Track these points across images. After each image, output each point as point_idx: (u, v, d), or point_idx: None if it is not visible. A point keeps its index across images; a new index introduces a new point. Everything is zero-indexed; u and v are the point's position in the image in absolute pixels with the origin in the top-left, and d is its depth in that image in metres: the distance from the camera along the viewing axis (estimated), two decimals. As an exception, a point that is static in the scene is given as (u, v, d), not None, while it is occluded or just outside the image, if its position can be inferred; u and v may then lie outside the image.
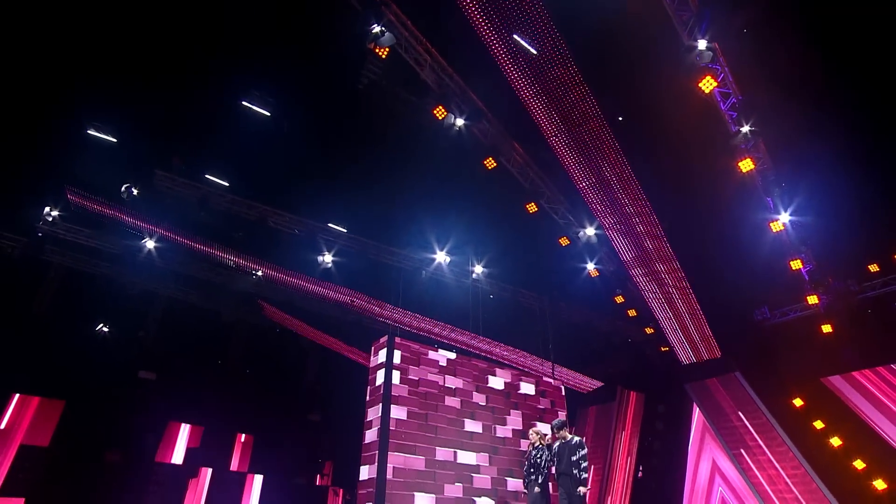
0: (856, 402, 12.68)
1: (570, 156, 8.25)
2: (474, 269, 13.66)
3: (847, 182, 9.33)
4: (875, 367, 12.49)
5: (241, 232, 11.72)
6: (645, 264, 10.14)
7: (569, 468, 7.06)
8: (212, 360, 14.44)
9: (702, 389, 13.42)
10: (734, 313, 13.60)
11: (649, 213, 9.10)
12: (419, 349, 9.69)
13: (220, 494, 12.93)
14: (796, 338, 13.29)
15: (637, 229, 9.31)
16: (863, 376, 12.70)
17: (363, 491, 8.28)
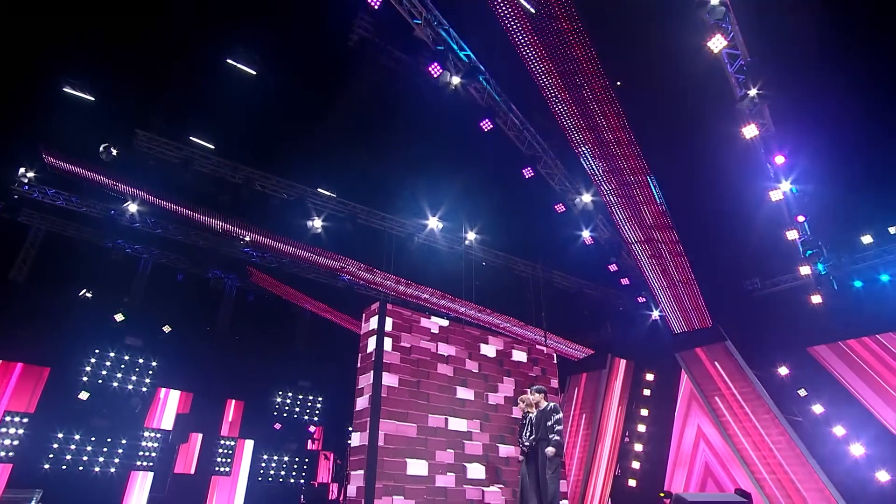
0: (838, 370, 12.90)
1: (569, 118, 7.92)
2: (467, 235, 13.43)
3: (849, 151, 9.13)
4: (860, 337, 12.67)
5: (226, 195, 11.34)
6: (641, 232, 9.96)
7: (545, 434, 7.02)
8: (200, 326, 14.24)
9: (692, 358, 13.52)
10: (726, 283, 13.63)
11: (649, 180, 8.86)
12: (411, 316, 9.53)
13: (211, 460, 12.96)
14: (785, 308, 13.42)
15: (635, 196, 9.08)
16: (846, 345, 12.92)
17: (354, 458, 8.24)
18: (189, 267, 13.92)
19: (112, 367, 11.84)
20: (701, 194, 10.08)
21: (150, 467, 11.82)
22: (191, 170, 10.77)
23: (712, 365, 13.05)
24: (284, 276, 14.55)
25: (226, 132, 11.47)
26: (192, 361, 13.13)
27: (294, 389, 15.70)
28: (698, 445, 14.79)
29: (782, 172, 9.15)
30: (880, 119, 8.95)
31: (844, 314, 12.73)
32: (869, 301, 12.53)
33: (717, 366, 12.94)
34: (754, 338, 13.27)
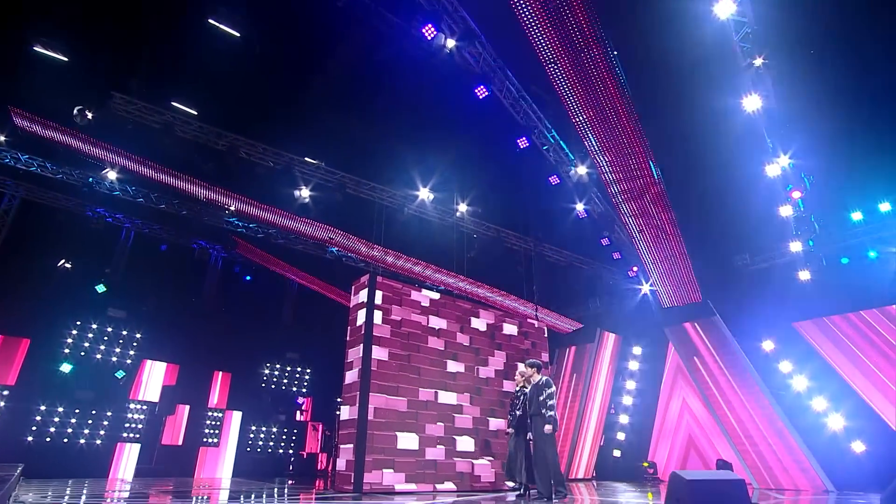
0: (821, 345, 13.09)
1: (567, 85, 7.62)
2: (458, 207, 13.19)
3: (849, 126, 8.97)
4: (846, 313, 12.82)
5: (210, 163, 10.92)
6: (636, 205, 9.79)
7: (538, 409, 7.01)
8: (185, 297, 13.97)
9: (680, 332, 13.59)
10: (716, 258, 13.63)
11: (646, 153, 8.64)
12: (402, 289, 9.37)
13: (198, 431, 12.89)
14: (774, 284, 13.52)
15: (632, 169, 8.88)
16: (830, 321, 13.09)
17: (344, 431, 8.17)
18: (173, 237, 13.56)
19: (95, 339, 11.60)
20: (697, 167, 9.91)
21: (136, 439, 11.72)
22: (172, 136, 10.32)
23: (700, 339, 13.14)
24: (271, 247, 14.25)
25: (209, 97, 10.99)
26: (178, 333, 12.91)
27: (282, 361, 15.61)
28: (682, 418, 15.07)
29: (781, 147, 8.98)
30: (882, 97, 8.79)
31: (831, 290, 12.87)
32: (855, 278, 12.64)
33: (706, 340, 13.04)
34: (741, 312, 13.36)
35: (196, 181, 11.04)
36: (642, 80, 8.06)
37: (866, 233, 12.48)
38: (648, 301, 14.71)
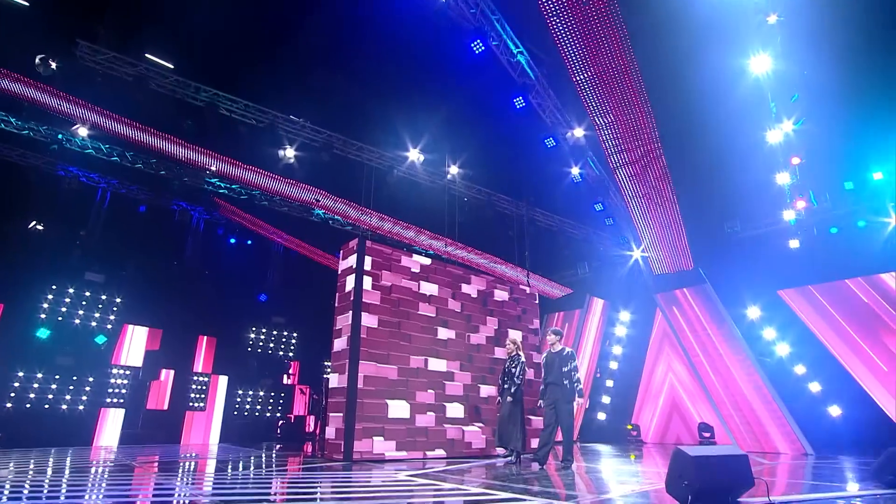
0: (804, 312, 13.25)
1: (570, 40, 7.18)
2: (449, 169, 12.79)
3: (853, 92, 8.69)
4: (832, 281, 12.93)
5: (188, 120, 10.32)
6: (634, 169, 9.52)
7: (559, 378, 7.03)
8: (167, 260, 13.52)
9: (670, 299, 13.59)
10: (707, 225, 13.53)
11: (648, 115, 8.30)
12: (391, 254, 9.08)
13: (184, 396, 12.72)
14: (762, 252, 13.57)
15: (632, 131, 8.55)
16: (814, 289, 13.22)
17: (333, 399, 8.03)
18: (151, 198, 13.00)
19: (72, 304, 11.20)
20: (697, 131, 9.61)
21: (120, 404, 11.52)
22: (146, 90, 9.67)
23: (690, 307, 13.16)
24: (255, 209, 13.78)
25: (186, 48, 10.30)
26: (160, 297, 12.54)
27: (268, 325, 15.39)
28: (667, 382, 15.29)
29: (785, 112, 8.69)
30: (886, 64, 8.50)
31: (818, 259, 12.94)
32: (843, 247, 12.69)
33: (695, 307, 13.06)
34: (728, 279, 13.38)
35: (173, 139, 10.46)
36: (647, 37, 7.64)
37: (857, 202, 12.44)
38: (638, 268, 14.66)
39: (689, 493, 3.94)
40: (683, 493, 3.96)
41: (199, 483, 5.39)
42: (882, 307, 12.24)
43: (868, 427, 12.02)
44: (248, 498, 4.26)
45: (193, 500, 4.26)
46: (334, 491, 4.87)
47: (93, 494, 4.55)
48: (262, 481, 5.44)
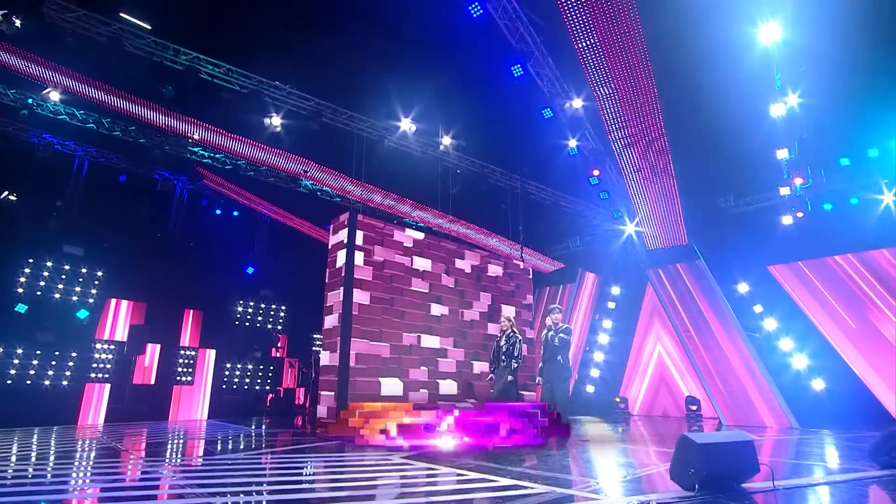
0: (793, 287, 13.33)
1: (572, 5, 6.78)
2: (442, 140, 12.40)
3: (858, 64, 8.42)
4: (822, 257, 12.98)
5: (168, 84, 9.77)
6: (633, 142, 9.25)
7: (553, 356, 6.99)
8: (149, 232, 13.08)
9: (663, 274, 13.56)
10: (701, 199, 13.39)
11: (651, 86, 7.99)
12: (383, 228, 8.81)
13: (171, 370, 12.51)
14: (753, 227, 13.53)
15: (634, 102, 8.25)
16: (803, 265, 13.28)
17: (325, 377, 7.87)
18: (132, 167, 12.45)
19: (51, 278, 10.80)
20: (699, 103, 9.32)
21: (105, 379, 11.28)
22: (121, 51, 9.07)
23: (683, 282, 13.14)
24: (241, 179, 13.31)
25: (163, 8, 9.63)
26: (144, 270, 12.16)
27: (256, 298, 15.12)
28: (655, 356, 15.42)
29: (789, 85, 8.43)
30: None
31: (810, 235, 12.96)
32: (835, 224, 12.70)
33: (688, 283, 13.05)
34: (719, 254, 13.35)
35: (152, 105, 9.92)
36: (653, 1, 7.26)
37: (852, 179, 12.36)
38: (631, 242, 14.56)
39: (695, 480, 3.85)
40: (690, 481, 3.87)
41: (188, 471, 5.22)
42: (870, 284, 12.32)
43: (850, 401, 12.24)
44: (239, 489, 4.10)
45: (183, 492, 4.08)
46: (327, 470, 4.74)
47: (77, 484, 4.36)
48: (252, 466, 5.29)
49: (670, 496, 3.79)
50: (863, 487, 4.28)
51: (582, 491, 3.99)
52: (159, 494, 3.96)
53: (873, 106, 9.93)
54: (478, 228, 13.03)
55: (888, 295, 12.17)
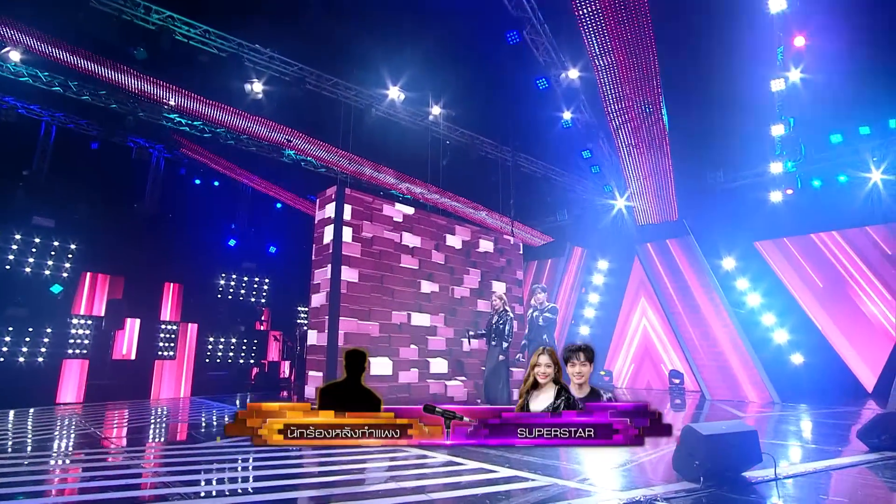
0: (777, 263, 13.44)
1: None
2: (432, 109, 11.95)
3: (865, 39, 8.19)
4: (807, 234, 13.05)
5: (139, 45, 9.11)
6: (630, 115, 8.97)
7: (538, 335, 6.90)
8: (125, 202, 12.49)
9: (653, 249, 13.50)
10: (690, 174, 13.27)
11: (652, 58, 7.67)
12: (372, 203, 8.49)
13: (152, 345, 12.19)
14: (742, 203, 13.52)
15: (634, 75, 7.94)
16: (789, 241, 13.37)
17: (312, 357, 7.67)
18: (103, 134, 11.75)
19: (21, 251, 10.28)
20: (699, 76, 9.04)
21: (83, 355, 10.93)
22: (86, 7, 8.38)
23: (672, 257, 13.11)
24: (220, 148, 12.73)
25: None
26: (120, 243, 11.66)
27: (238, 271, 14.73)
28: (640, 330, 15.55)
29: (793, 59, 8.19)
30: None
31: (797, 212, 12.99)
32: (823, 201, 12.73)
33: (676, 258, 13.01)
34: (708, 230, 13.34)
35: (122, 68, 9.28)
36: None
37: (841, 156, 12.32)
38: (620, 217, 14.45)
39: (700, 473, 3.77)
40: (695, 474, 3.79)
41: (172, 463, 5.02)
42: (852, 261, 12.45)
43: (828, 375, 12.54)
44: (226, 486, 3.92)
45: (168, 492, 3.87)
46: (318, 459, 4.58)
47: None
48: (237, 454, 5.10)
49: (675, 489, 3.72)
50: (860, 474, 4.26)
51: (581, 483, 3.90)
52: (141, 496, 3.73)
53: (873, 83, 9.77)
54: (467, 202, 12.74)
55: (870, 272, 12.33)
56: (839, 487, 3.81)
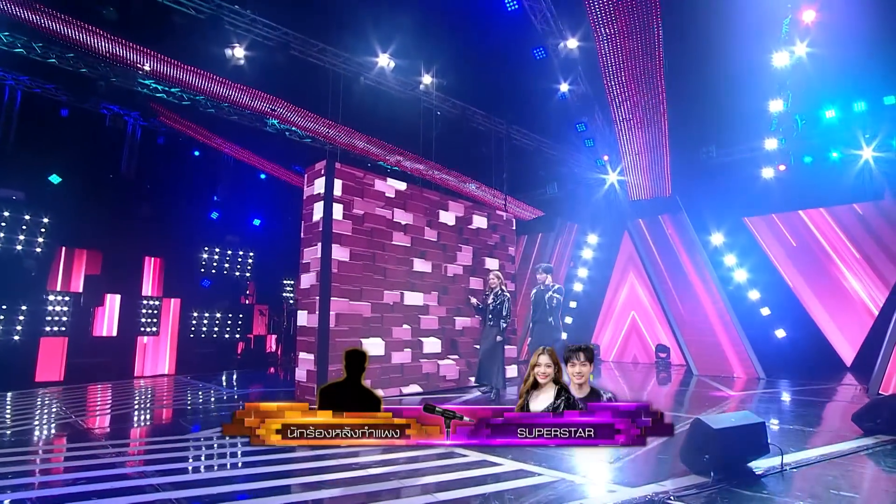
0: (765, 239, 13.52)
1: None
2: (423, 79, 11.47)
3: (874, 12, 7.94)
4: (796, 210, 13.10)
5: (110, 6, 8.46)
6: (630, 87, 8.67)
7: (543, 316, 6.82)
8: (100, 173, 11.88)
9: (644, 225, 13.40)
10: (682, 148, 13.10)
11: (656, 27, 7.35)
12: (363, 178, 8.14)
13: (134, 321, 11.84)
14: (733, 178, 13.48)
15: (637, 44, 7.61)
16: (777, 218, 13.42)
17: (302, 338, 7.45)
18: (74, 100, 11.07)
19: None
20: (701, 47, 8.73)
21: (62, 332, 10.56)
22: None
23: (663, 233, 13.04)
24: (200, 117, 12.11)
25: None
26: (96, 216, 11.16)
27: (221, 245, 14.31)
28: (628, 305, 15.63)
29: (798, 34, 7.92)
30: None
31: (787, 189, 12.99)
32: (814, 177, 12.72)
33: (668, 234, 12.95)
34: (699, 205, 13.27)
35: (90, 29, 8.62)
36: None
37: (835, 132, 12.22)
38: (612, 192, 14.28)
39: (711, 467, 3.70)
40: (705, 468, 3.73)
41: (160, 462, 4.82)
42: (838, 238, 12.56)
43: (809, 350, 12.80)
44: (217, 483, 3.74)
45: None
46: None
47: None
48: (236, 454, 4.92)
49: (685, 483, 3.65)
50: (863, 463, 4.24)
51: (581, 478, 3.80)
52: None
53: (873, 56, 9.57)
54: (459, 175, 12.41)
55: (854, 249, 12.46)
56: (846, 479, 3.78)
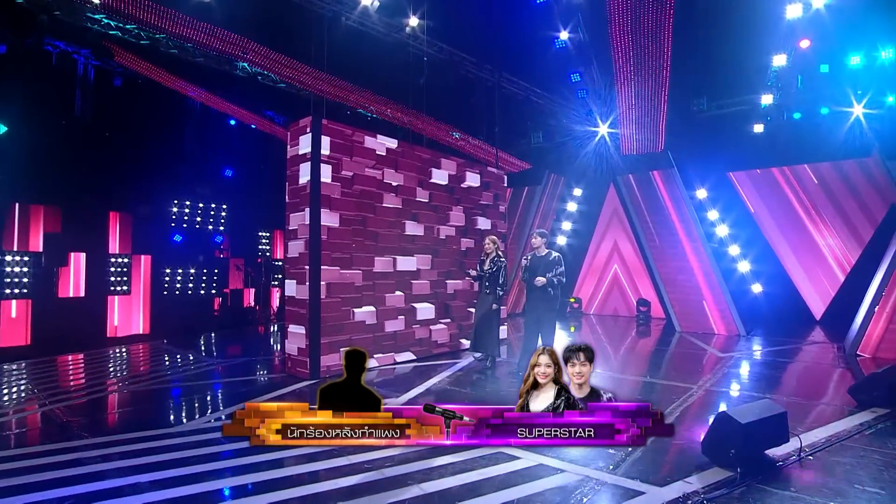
0: (748, 194, 13.56)
1: None
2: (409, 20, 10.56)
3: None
4: (781, 166, 13.10)
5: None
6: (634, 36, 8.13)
7: (544, 285, 6.67)
8: (50, 119, 10.73)
9: (633, 179, 13.14)
10: (677, 102, 12.72)
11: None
12: (352, 135, 7.51)
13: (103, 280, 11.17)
14: (722, 132, 13.36)
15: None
16: (763, 172, 13.43)
17: (292, 308, 7.06)
18: (10, 35, 9.76)
19: (-72, 180, 8.77)
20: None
21: (24, 294, 9.87)
22: None
23: (655, 189, 12.82)
24: (161, 58, 10.96)
25: None
26: (50, 168, 10.17)
27: (192, 197, 13.44)
28: (611, 259, 15.68)
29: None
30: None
31: (775, 144, 12.93)
32: (803, 133, 12.67)
33: (658, 190, 12.76)
34: (687, 159, 13.09)
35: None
36: None
37: (826, 87, 12.01)
38: (601, 145, 13.90)
39: (737, 462, 3.62)
40: (731, 462, 3.65)
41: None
42: (818, 194, 12.66)
43: (783, 305, 13.20)
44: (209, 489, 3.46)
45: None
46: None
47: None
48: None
49: (711, 479, 3.57)
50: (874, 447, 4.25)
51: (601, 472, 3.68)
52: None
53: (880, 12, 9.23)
54: (452, 128, 11.75)
55: (832, 206, 12.62)
56: (864, 470, 3.77)
